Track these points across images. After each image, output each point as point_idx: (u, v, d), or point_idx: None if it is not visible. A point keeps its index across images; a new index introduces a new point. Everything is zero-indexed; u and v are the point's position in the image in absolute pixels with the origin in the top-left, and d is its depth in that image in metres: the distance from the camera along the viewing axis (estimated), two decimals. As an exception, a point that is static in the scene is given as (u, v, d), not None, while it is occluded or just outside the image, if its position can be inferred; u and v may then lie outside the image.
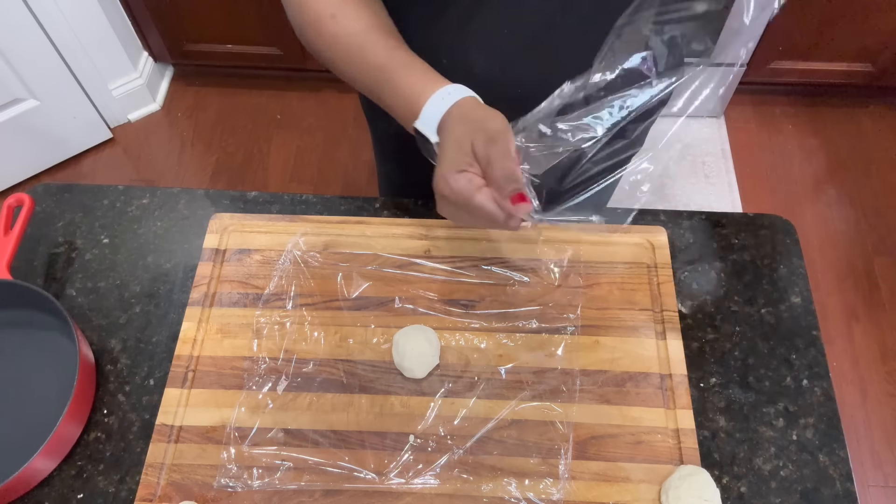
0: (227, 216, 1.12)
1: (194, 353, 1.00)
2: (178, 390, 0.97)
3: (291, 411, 0.96)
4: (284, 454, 0.93)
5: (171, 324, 1.04)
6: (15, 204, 1.04)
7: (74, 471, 0.94)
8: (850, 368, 2.28)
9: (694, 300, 1.06)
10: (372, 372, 0.99)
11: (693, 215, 1.14)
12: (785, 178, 2.68)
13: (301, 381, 0.98)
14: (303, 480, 0.91)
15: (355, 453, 0.93)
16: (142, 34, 2.69)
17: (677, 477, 0.89)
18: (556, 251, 1.08)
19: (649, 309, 1.04)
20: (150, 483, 0.91)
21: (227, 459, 0.92)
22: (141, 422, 0.97)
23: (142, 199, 1.17)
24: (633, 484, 0.91)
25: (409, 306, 1.04)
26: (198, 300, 1.04)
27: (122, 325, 1.05)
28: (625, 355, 1.00)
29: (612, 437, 0.94)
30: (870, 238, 2.53)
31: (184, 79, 2.98)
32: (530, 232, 1.09)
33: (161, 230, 1.14)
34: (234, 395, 0.97)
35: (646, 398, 0.97)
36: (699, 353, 1.02)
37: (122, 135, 2.82)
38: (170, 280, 1.09)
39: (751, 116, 2.84)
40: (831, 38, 2.48)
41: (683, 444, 0.93)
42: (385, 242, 1.09)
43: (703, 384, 0.99)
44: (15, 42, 2.29)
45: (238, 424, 0.95)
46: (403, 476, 0.91)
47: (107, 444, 0.95)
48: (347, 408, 0.96)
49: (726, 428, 0.96)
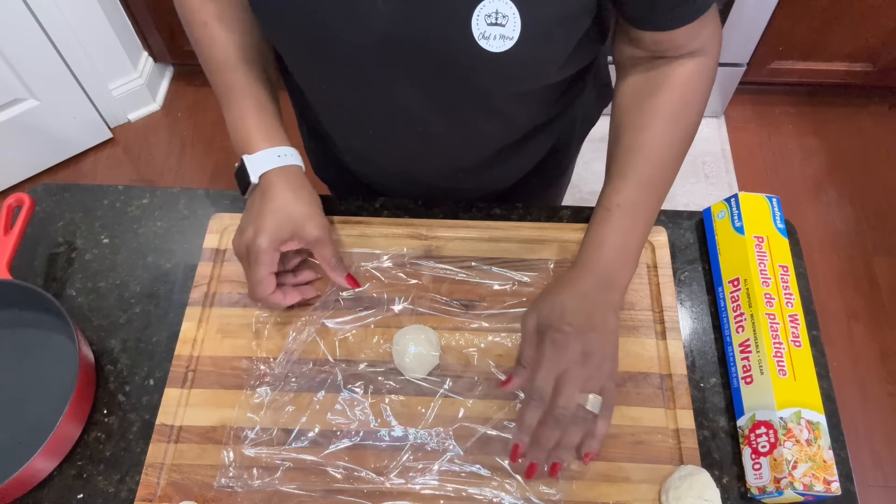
0: (227, 216, 1.12)
1: (194, 353, 1.00)
2: (178, 390, 0.97)
3: (292, 411, 0.96)
4: (284, 454, 0.93)
5: (171, 324, 1.04)
6: (15, 204, 1.04)
7: (74, 471, 0.94)
8: (850, 368, 2.28)
9: (694, 300, 1.06)
10: (372, 372, 0.99)
11: (693, 215, 1.14)
12: (785, 177, 2.68)
13: (301, 381, 0.98)
14: (303, 481, 0.91)
15: (355, 453, 0.93)
16: (142, 34, 2.70)
17: (677, 477, 0.89)
18: (557, 251, 1.08)
19: (649, 309, 1.04)
20: (150, 483, 0.91)
21: (226, 459, 0.92)
22: (141, 422, 0.97)
23: (142, 199, 1.17)
24: (633, 484, 0.91)
25: (409, 306, 1.04)
26: (198, 300, 1.04)
27: (122, 325, 1.05)
28: (625, 355, 1.00)
29: (612, 436, 0.94)
30: (870, 238, 2.53)
31: (184, 79, 2.98)
32: (533, 232, 1.09)
33: (161, 230, 1.14)
34: (234, 395, 0.97)
35: (646, 398, 0.97)
36: (700, 352, 1.02)
37: (122, 135, 2.82)
38: (170, 280, 1.09)
39: (751, 116, 2.84)
40: (831, 38, 2.49)
41: (683, 444, 0.93)
42: (385, 242, 1.09)
43: (703, 384, 0.99)
44: (15, 42, 2.29)
45: (238, 424, 0.95)
46: (403, 476, 0.91)
47: (107, 444, 0.95)
48: (347, 408, 0.96)
49: (726, 428, 0.96)
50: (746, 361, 0.95)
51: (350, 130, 1.08)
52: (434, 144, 1.02)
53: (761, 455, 0.89)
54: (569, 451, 0.86)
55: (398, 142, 1.03)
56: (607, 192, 0.95)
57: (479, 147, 1.06)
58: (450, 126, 0.97)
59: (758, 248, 1.02)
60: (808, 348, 0.94)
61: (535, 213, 1.13)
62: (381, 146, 1.06)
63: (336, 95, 0.98)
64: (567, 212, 1.13)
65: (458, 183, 1.15)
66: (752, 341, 0.96)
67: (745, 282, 1.00)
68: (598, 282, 0.91)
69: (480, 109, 0.95)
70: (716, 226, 1.08)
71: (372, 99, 0.94)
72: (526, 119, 1.04)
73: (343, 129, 1.10)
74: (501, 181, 1.21)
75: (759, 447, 0.89)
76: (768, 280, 0.99)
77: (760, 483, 0.88)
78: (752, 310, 0.97)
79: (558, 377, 0.84)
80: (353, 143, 1.12)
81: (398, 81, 0.89)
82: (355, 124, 1.04)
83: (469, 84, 0.88)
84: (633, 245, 0.94)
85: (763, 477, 0.88)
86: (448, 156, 1.06)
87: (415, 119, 0.95)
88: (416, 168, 1.12)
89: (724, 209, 1.07)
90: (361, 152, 1.13)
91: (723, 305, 1.03)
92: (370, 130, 1.02)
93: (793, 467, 0.85)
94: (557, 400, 0.83)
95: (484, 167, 1.10)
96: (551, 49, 0.84)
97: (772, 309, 0.96)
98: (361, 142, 1.08)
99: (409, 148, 1.04)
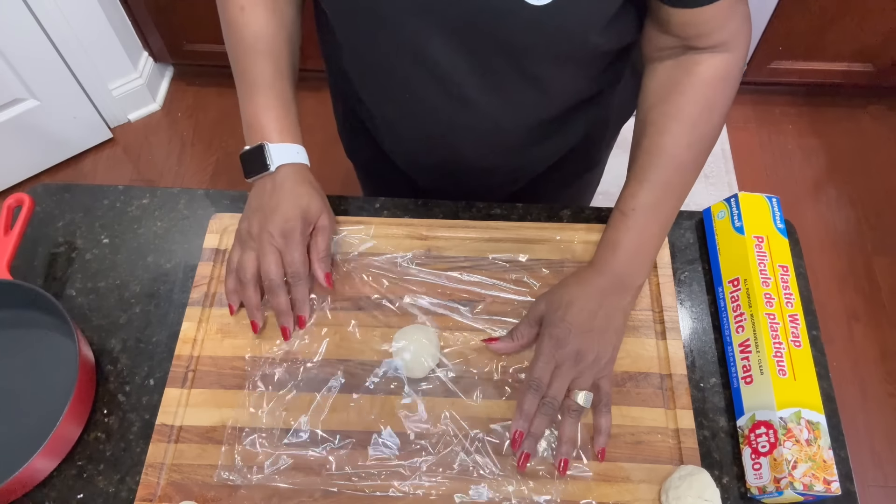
0: (227, 216, 1.12)
1: (194, 353, 1.00)
2: (178, 390, 0.97)
3: (291, 411, 0.96)
4: (284, 454, 0.93)
5: (171, 324, 1.04)
6: (15, 204, 1.04)
7: (74, 471, 0.94)
8: (850, 368, 2.28)
9: (694, 300, 1.06)
10: (372, 371, 0.99)
11: (693, 215, 1.14)
12: (785, 178, 2.68)
13: (301, 381, 0.98)
14: (303, 480, 0.91)
15: (355, 453, 0.93)
16: (142, 34, 2.69)
17: (677, 477, 0.89)
18: (557, 251, 1.08)
19: (649, 309, 1.04)
20: (150, 483, 0.91)
21: (226, 459, 0.92)
22: (141, 422, 0.97)
23: (142, 199, 1.17)
24: (633, 484, 0.91)
25: (408, 306, 1.04)
26: (198, 300, 1.04)
27: (122, 325, 1.05)
28: (625, 355, 1.00)
29: (612, 436, 0.94)
30: (870, 238, 2.53)
31: (184, 79, 2.98)
32: (533, 232, 1.09)
33: (161, 230, 1.14)
34: (235, 395, 0.97)
35: (646, 398, 0.97)
36: (700, 352, 1.02)
37: (123, 135, 2.82)
38: (170, 280, 1.09)
39: (751, 116, 2.84)
40: (831, 39, 2.49)
41: (683, 444, 0.93)
42: (385, 242, 1.09)
43: (703, 384, 0.99)
44: (15, 42, 2.29)
45: (238, 424, 0.95)
46: (403, 476, 0.91)
47: (107, 444, 0.95)
48: (347, 408, 0.96)
49: (726, 428, 0.96)
50: (746, 361, 0.95)
51: (385, 95, 1.08)
52: (469, 112, 1.01)
53: (761, 455, 0.89)
54: (568, 444, 0.91)
55: (431, 106, 1.02)
56: (625, 196, 0.96)
57: (514, 118, 1.05)
58: (484, 90, 0.97)
59: (758, 247, 1.02)
60: (808, 348, 0.94)
61: (535, 213, 1.13)
62: (416, 112, 1.06)
63: (373, 53, 0.99)
64: (567, 212, 1.13)
65: (492, 162, 1.15)
66: (751, 341, 0.96)
67: (744, 282, 1.00)
68: (610, 283, 0.94)
69: (516, 73, 0.95)
70: (716, 226, 1.08)
71: (408, 56, 0.94)
72: (562, 91, 1.03)
73: (378, 95, 1.10)
74: (534, 163, 1.21)
75: (759, 447, 0.89)
76: (768, 280, 0.99)
77: (760, 483, 0.88)
78: (751, 310, 0.97)
79: (553, 371, 0.92)
80: (387, 110, 1.12)
81: (433, 38, 0.89)
82: (391, 87, 1.04)
83: (507, 41, 0.88)
84: (647, 248, 0.96)
85: (763, 477, 0.88)
86: (482, 127, 1.05)
87: (450, 81, 0.96)
88: (450, 143, 1.10)
89: (723, 209, 1.07)
90: (395, 123, 1.13)
91: (723, 305, 1.03)
92: (406, 94, 1.02)
93: (793, 467, 0.85)
94: (549, 390, 0.91)
95: (518, 145, 1.10)
96: (593, 8, 0.84)
97: (772, 309, 0.96)
98: (396, 109, 1.09)
99: (443, 114, 1.03)
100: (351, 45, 1.04)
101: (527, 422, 0.91)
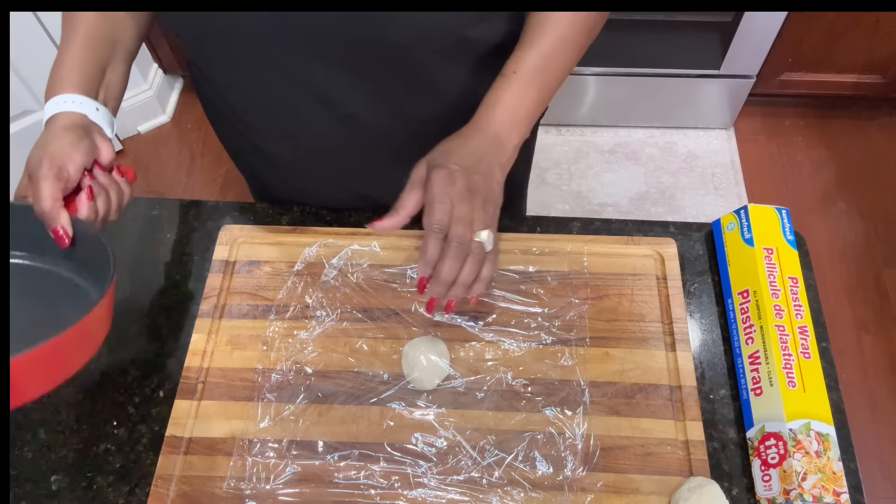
0: (236, 228, 1.12)
1: (204, 365, 1.01)
2: (188, 402, 0.97)
3: (301, 423, 0.96)
4: (293, 465, 0.93)
5: (181, 335, 1.04)
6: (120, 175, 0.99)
7: (84, 482, 0.94)
8: (859, 380, 2.27)
9: (703, 312, 1.06)
10: (381, 383, 0.99)
11: (703, 227, 1.14)
12: (794, 189, 2.68)
13: (311, 393, 0.98)
14: (312, 491, 0.91)
15: (365, 465, 0.93)
16: (151, 46, 2.71)
17: (687, 489, 0.88)
18: (566, 263, 1.09)
19: (659, 320, 1.04)
20: (159, 495, 0.91)
21: (236, 470, 0.92)
22: (151, 433, 0.97)
23: (151, 211, 1.18)
24: (642, 495, 0.91)
25: (418, 317, 1.04)
26: (207, 312, 1.05)
27: (132, 337, 1.05)
28: (634, 367, 1.00)
29: (621, 448, 0.94)
30: (880, 250, 2.52)
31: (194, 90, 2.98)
32: (542, 244, 1.09)
33: (170, 241, 1.14)
34: (244, 407, 0.97)
35: (655, 410, 0.97)
36: (709, 364, 1.02)
37: (132, 146, 2.83)
38: (179, 291, 1.09)
39: (760, 128, 2.84)
40: (841, 50, 2.48)
41: (693, 456, 0.93)
42: (395, 254, 1.10)
43: (712, 396, 0.99)
44: (26, 55, 2.30)
45: (248, 436, 0.95)
46: (413, 487, 0.91)
47: (116, 456, 0.96)
48: (357, 419, 0.96)
49: (736, 439, 0.96)
50: (756, 373, 0.95)
51: (271, 128, 1.07)
52: (360, 130, 1.01)
53: (771, 467, 0.88)
54: (464, 287, 0.87)
55: (320, 133, 1.02)
56: (508, 62, 0.95)
57: (408, 128, 1.04)
58: (371, 103, 0.97)
59: (767, 259, 1.02)
60: (818, 360, 0.94)
61: (544, 225, 1.13)
62: (306, 142, 1.06)
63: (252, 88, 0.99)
64: (577, 223, 1.13)
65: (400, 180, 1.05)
66: (761, 353, 0.95)
67: (754, 293, 1.00)
68: (488, 139, 0.91)
69: (401, 79, 0.95)
70: (725, 237, 1.08)
71: (284, 81, 0.94)
72: (455, 91, 1.03)
73: (265, 128, 1.09)
74: None
75: (769, 459, 0.89)
76: (778, 292, 0.99)
77: (770, 495, 0.88)
78: (761, 321, 0.97)
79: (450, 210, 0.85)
80: (280, 149, 1.11)
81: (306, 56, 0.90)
82: (274, 118, 1.03)
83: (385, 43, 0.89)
84: (525, 109, 0.94)
85: (773, 489, 0.87)
86: (376, 145, 1.05)
87: (332, 99, 0.96)
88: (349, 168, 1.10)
89: (733, 221, 1.07)
90: (289, 159, 1.13)
91: (732, 317, 1.03)
92: (289, 123, 1.02)
93: (802, 479, 0.84)
94: (453, 232, 0.84)
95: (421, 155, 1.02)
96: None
97: (781, 320, 0.96)
98: (288, 144, 1.08)
99: (335, 138, 1.03)
100: (229, 87, 1.04)
101: (429, 266, 0.86)
